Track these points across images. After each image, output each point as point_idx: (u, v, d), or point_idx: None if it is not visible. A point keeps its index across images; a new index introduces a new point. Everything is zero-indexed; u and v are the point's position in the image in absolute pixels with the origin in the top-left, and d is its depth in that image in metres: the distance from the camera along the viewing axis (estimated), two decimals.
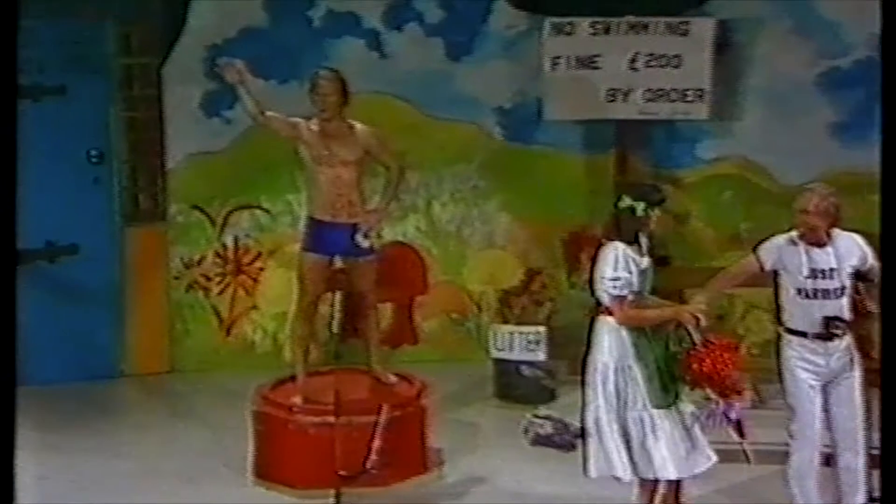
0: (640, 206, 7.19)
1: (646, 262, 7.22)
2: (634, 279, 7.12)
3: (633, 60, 10.47)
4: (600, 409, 7.13)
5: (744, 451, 7.44)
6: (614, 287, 7.08)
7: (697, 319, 6.97)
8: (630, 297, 7.12)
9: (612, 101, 10.53)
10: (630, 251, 7.15)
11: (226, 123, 10.72)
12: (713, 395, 7.02)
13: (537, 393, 10.09)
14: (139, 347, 10.94)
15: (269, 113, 8.53)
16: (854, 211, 10.69)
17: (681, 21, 10.42)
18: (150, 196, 10.99)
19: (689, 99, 10.43)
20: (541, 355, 10.17)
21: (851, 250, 7.09)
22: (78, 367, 10.27)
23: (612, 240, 7.21)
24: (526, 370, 10.19)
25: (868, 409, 7.13)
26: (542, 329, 10.30)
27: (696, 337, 7.00)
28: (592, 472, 7.23)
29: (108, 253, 10.76)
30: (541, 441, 9.19)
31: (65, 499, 8.08)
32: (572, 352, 10.66)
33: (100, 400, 10.26)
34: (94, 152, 10.67)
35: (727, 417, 7.07)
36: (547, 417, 9.32)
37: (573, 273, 11.34)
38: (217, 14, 10.82)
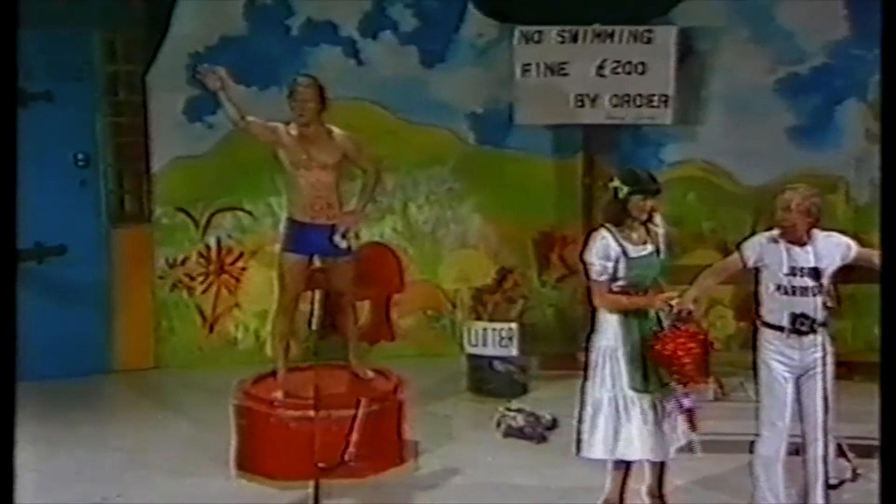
0: (623, 190, 7.11)
1: (646, 248, 7.18)
2: (620, 265, 7.09)
3: (600, 67, 10.49)
4: (586, 387, 7.17)
5: (689, 442, 7.45)
6: (590, 272, 7.09)
7: (671, 307, 6.99)
8: (607, 282, 7.12)
9: (580, 106, 10.54)
10: (620, 236, 7.11)
11: (208, 128, 10.70)
12: (671, 380, 7.05)
13: (509, 387, 10.10)
14: (125, 344, 10.92)
15: (249, 118, 8.52)
16: None
17: (645, 29, 10.44)
18: (136, 198, 10.97)
19: (654, 104, 10.45)
20: (513, 351, 10.18)
21: (832, 249, 7.10)
22: (66, 363, 10.23)
23: (602, 222, 7.21)
24: (498, 365, 10.20)
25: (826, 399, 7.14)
26: (514, 325, 10.31)
27: (665, 322, 7.01)
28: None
29: (95, 253, 10.74)
30: (513, 433, 9.19)
31: (52, 489, 8.05)
32: (543, 347, 10.76)
33: (87, 395, 10.23)
34: (80, 156, 10.65)
35: (679, 405, 7.08)
36: (519, 410, 9.33)
37: (544, 272, 11.38)
38: (199, 23, 10.80)
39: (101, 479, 8.43)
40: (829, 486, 7.13)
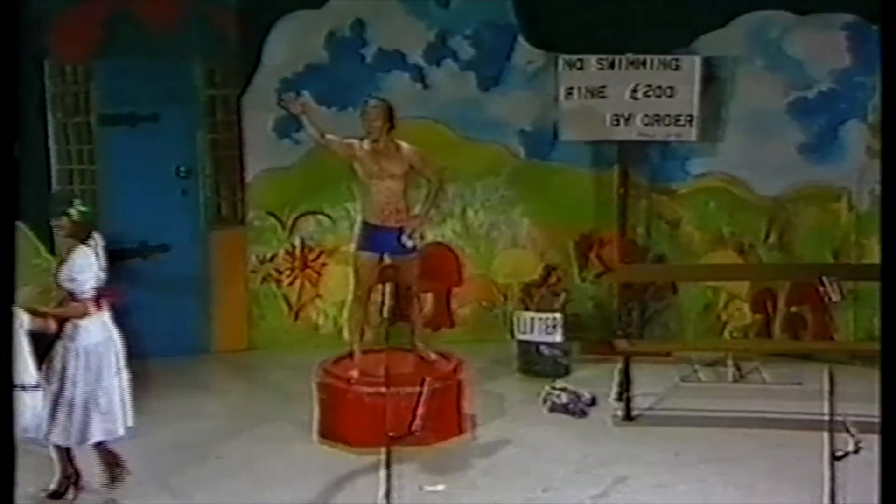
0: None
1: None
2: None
3: (633, 91, 10.42)
4: None
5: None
6: None
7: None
8: None
9: (616, 125, 10.48)
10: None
11: (294, 144, 10.71)
12: None
13: (554, 369, 10.07)
14: (222, 329, 10.95)
15: (328, 136, 8.55)
16: (818, 217, 10.75)
17: (673, 58, 10.37)
18: (231, 204, 11.01)
19: (681, 123, 10.37)
20: (557, 337, 10.14)
21: None
22: (171, 345, 10.27)
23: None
24: (545, 349, 10.16)
25: None
26: (558, 315, 10.27)
27: None
28: None
29: (194, 252, 10.77)
30: (557, 409, 9.15)
31: (158, 453, 8.11)
32: (583, 335, 10.72)
33: (189, 373, 10.26)
34: (182, 168, 10.68)
35: None
36: (563, 389, 9.30)
37: (583, 269, 11.32)
38: (287, 53, 10.82)
39: (199, 445, 8.47)
40: (834, 458, 7.04)
